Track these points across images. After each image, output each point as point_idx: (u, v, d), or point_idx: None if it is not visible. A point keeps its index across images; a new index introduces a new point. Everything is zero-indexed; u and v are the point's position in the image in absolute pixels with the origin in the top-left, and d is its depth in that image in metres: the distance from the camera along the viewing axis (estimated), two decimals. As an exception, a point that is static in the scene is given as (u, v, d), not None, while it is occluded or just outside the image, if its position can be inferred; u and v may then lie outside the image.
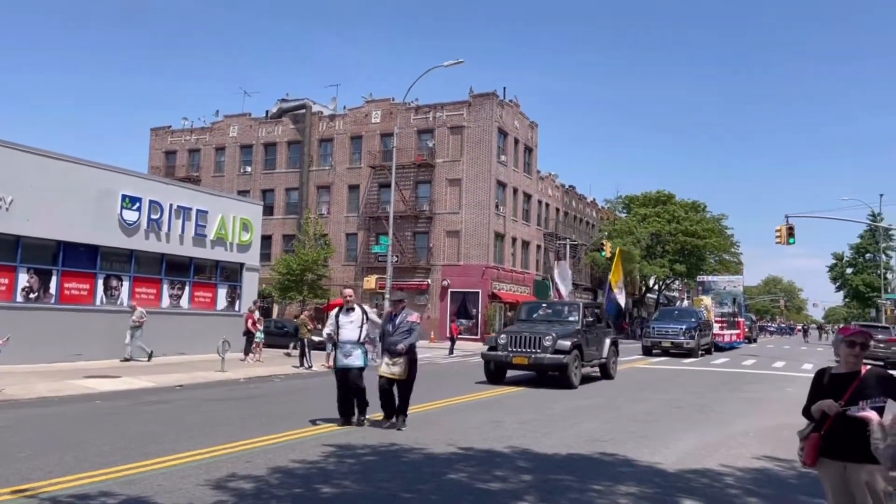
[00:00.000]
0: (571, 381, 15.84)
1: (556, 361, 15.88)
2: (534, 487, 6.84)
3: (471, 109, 43.96)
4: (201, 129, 53.94)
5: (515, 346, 16.43)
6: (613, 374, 18.88)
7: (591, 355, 17.54)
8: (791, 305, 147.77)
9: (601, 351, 18.36)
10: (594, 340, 17.96)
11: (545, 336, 16.13)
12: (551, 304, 20.75)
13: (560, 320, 17.78)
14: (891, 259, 70.01)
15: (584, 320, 17.63)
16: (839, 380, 4.38)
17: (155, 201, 22.16)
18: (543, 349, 15.98)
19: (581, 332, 17.09)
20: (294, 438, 9.11)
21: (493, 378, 16.87)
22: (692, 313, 34.97)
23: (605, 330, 19.26)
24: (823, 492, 4.49)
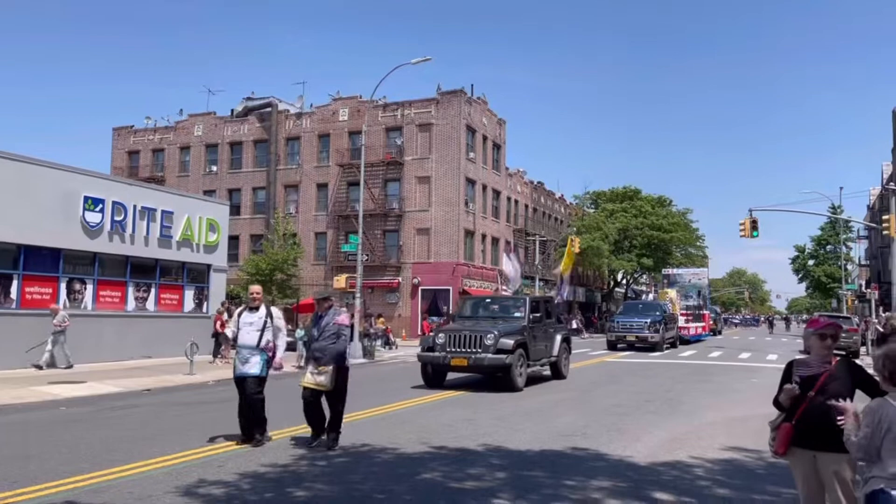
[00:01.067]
0: (515, 383, 14.51)
1: (497, 362, 14.47)
2: (508, 484, 6.86)
3: (439, 107, 43.94)
4: (165, 128, 53.09)
5: (454, 345, 14.90)
6: (565, 373, 17.66)
7: (539, 353, 16.26)
8: (755, 297, 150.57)
9: (551, 349, 17.11)
10: (543, 337, 16.67)
11: (486, 334, 14.66)
12: (496, 299, 19.21)
13: (505, 316, 16.38)
14: (851, 250, 71.79)
15: (530, 316, 16.19)
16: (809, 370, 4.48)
17: (119, 202, 21.74)
18: (484, 348, 14.55)
19: (527, 328, 15.75)
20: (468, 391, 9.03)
21: (431, 382, 15.35)
22: (657, 307, 34.68)
23: (555, 326, 18.03)
24: (791, 481, 4.57)
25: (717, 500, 6.42)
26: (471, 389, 15.03)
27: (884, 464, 3.34)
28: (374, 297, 41.63)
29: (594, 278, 67.57)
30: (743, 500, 6.41)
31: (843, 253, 66.98)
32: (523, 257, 53.62)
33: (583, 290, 64.62)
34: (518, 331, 15.38)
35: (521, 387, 14.68)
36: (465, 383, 16.13)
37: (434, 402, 13.21)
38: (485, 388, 15.21)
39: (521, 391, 14.56)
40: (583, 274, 64.60)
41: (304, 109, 49.74)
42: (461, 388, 15.33)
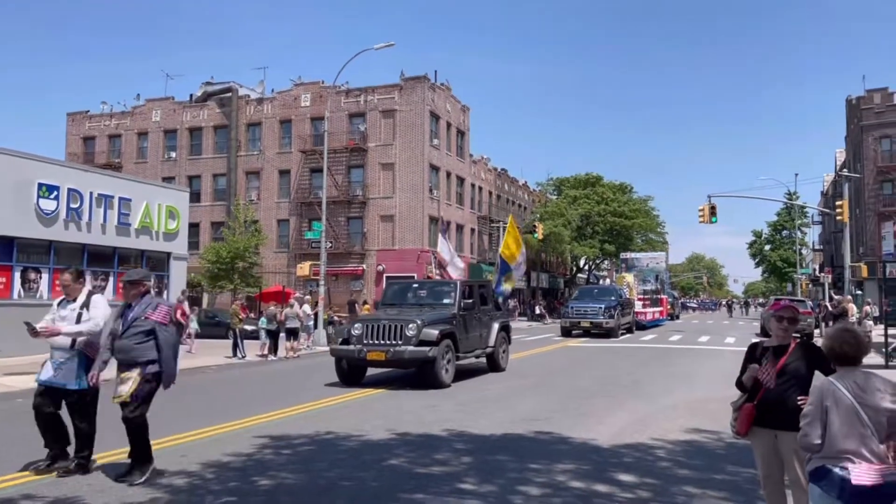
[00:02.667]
0: (439, 379, 12.96)
1: (419, 355, 12.86)
2: (473, 469, 6.91)
3: (402, 93, 43.68)
4: (122, 113, 51.82)
5: (371, 337, 13.26)
6: (504, 365, 16.21)
7: (471, 344, 14.84)
8: (713, 282, 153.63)
9: (487, 339, 15.65)
10: (476, 326, 15.17)
11: (408, 324, 13.06)
12: (424, 284, 17.14)
13: (433, 303, 14.87)
14: (805, 236, 73.65)
15: (461, 302, 14.66)
16: (771, 352, 4.60)
17: (74, 189, 21.20)
18: (405, 340, 12.94)
19: (457, 316, 14.24)
20: (227, 431, 8.93)
21: (347, 379, 13.64)
22: (612, 291, 33.94)
23: (492, 313, 16.34)
24: (750, 461, 4.69)
25: (678, 480, 6.56)
26: (393, 386, 13.42)
27: (828, 441, 3.44)
28: (338, 284, 41.39)
29: (557, 264, 68.17)
30: (704, 479, 6.55)
31: (798, 238, 68.74)
32: (487, 244, 53.78)
33: (546, 276, 65.16)
34: (446, 319, 13.87)
35: (447, 382, 13.15)
36: (389, 379, 14.47)
37: (337, 405, 11.05)
38: (409, 384, 13.48)
39: (447, 387, 13.02)
40: (546, 260, 65.12)
41: (265, 95, 49.00)
42: (383, 384, 13.62)
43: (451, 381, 13.38)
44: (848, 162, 56.76)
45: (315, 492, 6.12)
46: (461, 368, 14.82)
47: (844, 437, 3.38)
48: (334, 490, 6.17)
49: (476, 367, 16.10)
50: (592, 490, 6.19)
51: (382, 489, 6.20)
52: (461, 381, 14.01)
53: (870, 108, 50.84)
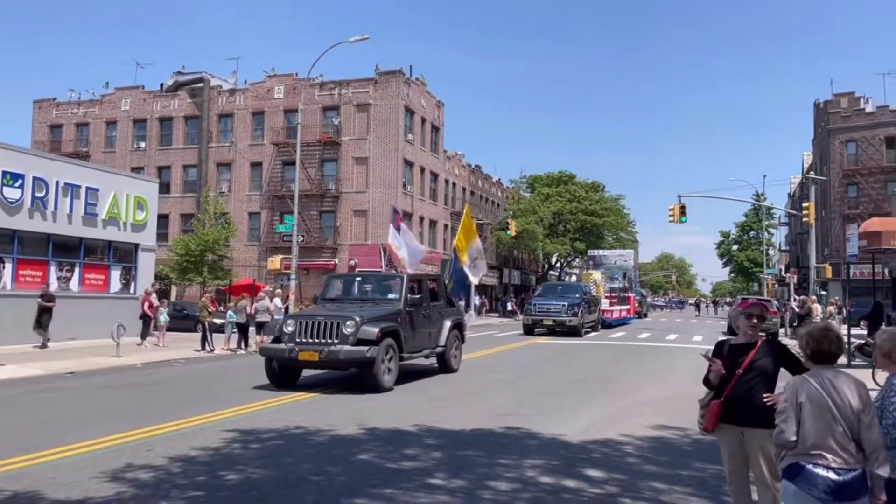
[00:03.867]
0: (379, 381, 11.83)
1: (356, 355, 11.71)
2: (443, 464, 6.92)
3: (377, 87, 43.48)
4: (90, 101, 50.83)
5: (305, 335, 12.09)
6: (456, 366, 15.11)
7: (419, 343, 13.67)
8: (682, 281, 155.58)
9: (438, 337, 14.50)
10: (425, 324, 13.98)
11: (345, 321, 11.90)
12: (368, 278, 15.93)
13: (377, 299, 13.81)
14: (772, 236, 74.93)
15: (407, 298, 13.43)
16: (738, 350, 4.67)
17: (39, 178, 20.77)
18: (342, 339, 11.80)
19: (402, 313, 13.08)
20: (196, 425, 8.82)
21: (279, 381, 12.40)
22: (577, 288, 32.83)
23: (444, 310, 15.18)
24: (716, 458, 4.76)
25: (645, 475, 6.63)
26: (331, 389, 12.28)
27: (801, 438, 3.51)
28: (309, 278, 41.09)
29: (529, 261, 68.50)
30: (671, 475, 6.63)
31: (765, 239, 69.86)
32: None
33: (518, 273, 65.47)
34: (388, 316, 12.71)
35: (388, 385, 12.01)
36: (330, 380, 13.30)
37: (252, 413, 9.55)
38: (349, 387, 12.39)
39: (389, 390, 11.91)
40: (518, 257, 65.40)
41: (238, 86, 48.41)
42: (321, 387, 12.52)
43: (392, 383, 12.21)
44: (815, 164, 57.83)
45: (283, 486, 6.07)
46: (408, 369, 14.06)
47: (818, 433, 3.46)
48: (303, 484, 6.13)
49: (425, 368, 15.14)
50: (561, 485, 6.23)
51: (351, 484, 6.17)
52: (406, 382, 13.02)
53: (837, 112, 51.82)
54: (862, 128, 50.75)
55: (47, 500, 5.62)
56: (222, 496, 5.79)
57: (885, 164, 49.79)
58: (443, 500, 5.73)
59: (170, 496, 5.76)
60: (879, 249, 23.13)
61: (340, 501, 5.67)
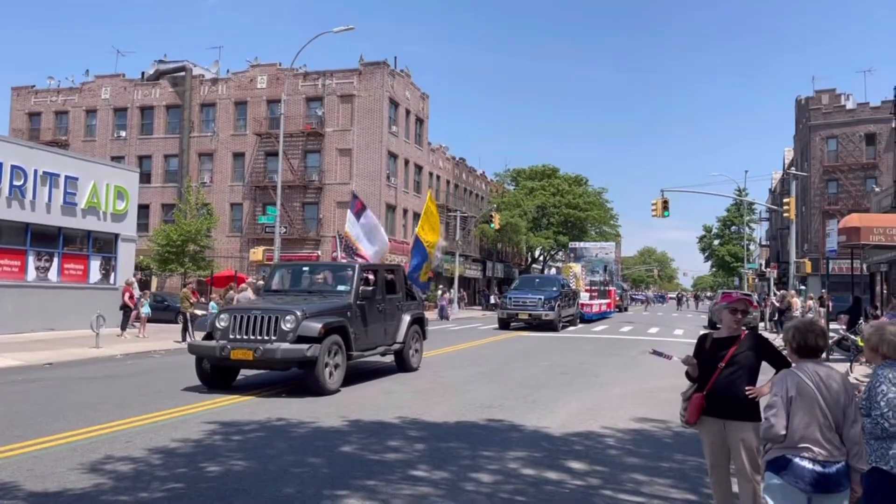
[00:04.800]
0: (322, 383, 10.52)
1: (294, 354, 10.37)
2: (427, 456, 6.91)
3: (361, 78, 43.26)
4: (69, 89, 50.11)
5: (239, 331, 10.74)
6: (415, 364, 13.92)
7: (372, 340, 12.49)
8: (664, 275, 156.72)
9: (395, 333, 13.33)
10: (380, 318, 12.77)
11: (285, 315, 10.59)
12: (318, 267, 14.58)
13: (325, 291, 12.61)
14: (753, 231, 75.60)
15: (359, 290, 12.14)
16: (720, 343, 4.71)
17: (18, 166, 20.45)
18: (280, 335, 10.49)
19: (353, 307, 11.82)
20: (176, 416, 8.75)
21: (211, 381, 11.12)
22: (554, 281, 31.74)
23: (402, 304, 13.89)
24: (696, 450, 4.80)
25: (627, 467, 6.66)
26: (269, 391, 10.92)
27: (789, 431, 3.54)
28: (291, 270, 40.89)
29: (513, 254, 68.66)
30: (651, 467, 6.67)
31: (746, 234, 70.42)
32: (444, 233, 53.75)
33: (501, 266, 65.60)
34: (336, 310, 11.50)
35: (332, 388, 10.75)
36: (272, 380, 11.93)
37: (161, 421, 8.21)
38: (290, 389, 11.01)
39: (333, 393, 10.66)
40: (502, 250, 65.51)
41: (220, 75, 47.97)
42: (260, 388, 11.22)
43: (338, 385, 10.95)
44: (796, 160, 58.36)
45: (265, 478, 6.04)
46: (362, 368, 13.40)
47: (806, 426, 3.51)
48: (285, 477, 6.10)
49: (382, 366, 14.14)
50: (543, 477, 6.25)
51: (333, 476, 6.15)
52: (356, 383, 11.85)
53: (818, 109, 52.33)
54: (842, 124, 51.31)
55: (24, 492, 5.55)
56: (203, 488, 5.74)
57: (865, 160, 50.39)
58: (426, 492, 5.73)
59: (150, 488, 5.71)
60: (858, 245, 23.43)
61: (322, 493, 5.65)
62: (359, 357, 12.10)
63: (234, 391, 10.88)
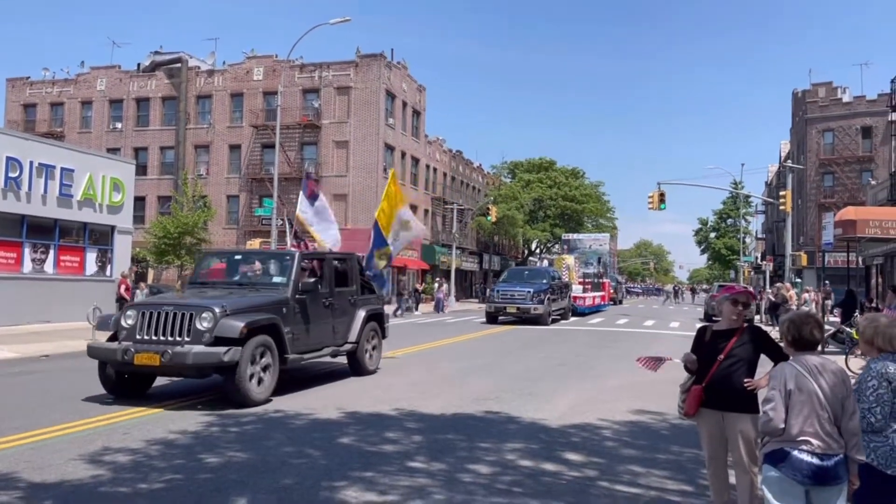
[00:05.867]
0: (245, 393, 8.86)
1: (208, 359, 8.69)
2: (424, 448, 6.93)
3: (358, 70, 43.13)
4: (65, 80, 49.88)
5: (148, 330, 9.04)
6: (372, 366, 12.32)
7: (317, 340, 10.87)
8: (659, 267, 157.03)
9: (347, 332, 11.72)
10: (326, 315, 11.13)
11: (201, 312, 8.96)
12: (250, 257, 12.43)
13: (260, 283, 10.83)
14: (749, 224, 75.76)
15: (299, 283, 10.50)
16: (720, 335, 4.72)
17: (13, 158, 20.38)
18: (195, 336, 8.85)
19: (289, 302, 10.20)
20: (174, 409, 8.76)
21: (117, 389, 9.39)
22: (544, 273, 30.49)
23: (357, 298, 12.21)
24: (693, 441, 4.82)
25: (624, 459, 6.69)
26: (187, 401, 9.22)
27: (788, 424, 3.55)
28: (288, 262, 40.88)
29: (509, 247, 68.69)
30: (648, 459, 6.70)
31: (742, 227, 70.60)
32: (441, 225, 53.73)
33: (498, 259, 65.64)
34: (267, 305, 9.84)
35: (259, 397, 9.09)
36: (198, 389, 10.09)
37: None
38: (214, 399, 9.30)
39: (263, 403, 9.08)
40: (499, 242, 65.53)
41: (216, 67, 47.77)
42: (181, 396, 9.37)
43: (268, 394, 9.33)
44: (792, 153, 58.42)
45: (264, 469, 6.05)
46: (312, 371, 12.11)
47: (805, 419, 3.52)
48: (283, 468, 6.11)
49: (333, 367, 12.69)
50: (541, 469, 6.27)
51: (331, 467, 6.17)
52: (296, 391, 10.20)
53: (814, 102, 52.33)
54: (839, 117, 51.32)
55: (24, 483, 5.55)
56: (202, 479, 5.75)
57: (861, 153, 50.44)
58: (423, 484, 5.75)
59: (148, 479, 5.72)
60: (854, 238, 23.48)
61: (321, 484, 5.67)
62: (297, 361, 10.32)
63: (145, 402, 9.11)
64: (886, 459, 3.60)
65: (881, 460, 3.60)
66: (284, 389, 10.10)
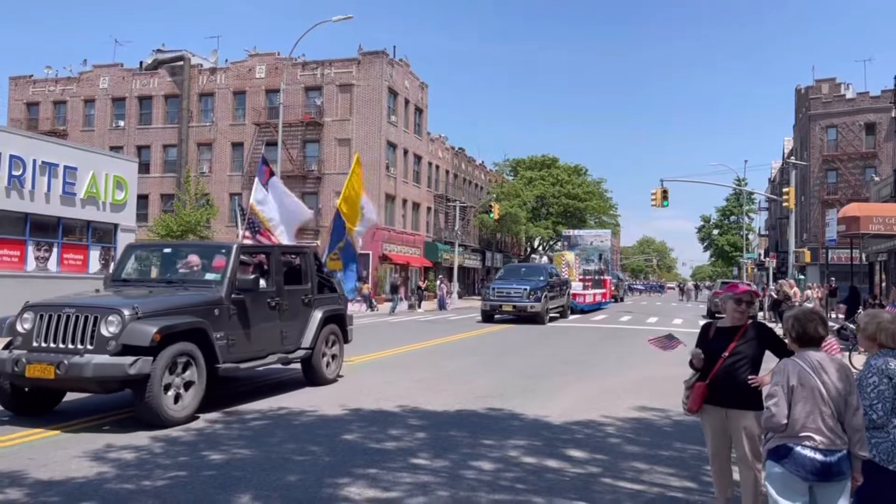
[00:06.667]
0: (159, 413, 7.50)
1: (111, 372, 7.33)
2: (427, 444, 6.94)
3: (360, 67, 43.11)
4: (67, 79, 49.91)
5: (45, 336, 7.67)
6: (329, 375, 10.82)
7: (257, 347, 9.29)
8: (662, 265, 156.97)
9: (299, 336, 10.22)
10: (272, 317, 9.59)
11: (107, 315, 7.57)
12: (180, 251, 10.31)
13: (191, 281, 9.15)
14: (752, 221, 75.64)
15: (235, 279, 8.93)
16: (724, 332, 4.73)
17: (16, 156, 20.41)
18: (99, 344, 7.48)
19: (223, 302, 8.67)
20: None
21: (15, 405, 8.05)
22: (542, 270, 29.65)
23: (313, 298, 10.65)
24: (696, 438, 4.82)
25: (627, 456, 6.70)
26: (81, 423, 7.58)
27: (791, 420, 3.54)
28: (291, 260, 40.92)
29: (512, 244, 68.69)
30: (651, 455, 6.71)
31: (746, 223, 70.45)
32: (443, 223, 53.72)
33: (500, 256, 65.63)
34: (192, 306, 8.29)
35: (177, 417, 7.68)
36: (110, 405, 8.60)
37: None
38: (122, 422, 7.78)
39: (183, 423, 7.67)
40: (501, 240, 65.53)
41: (219, 65, 47.79)
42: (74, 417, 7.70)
43: (190, 411, 7.87)
44: (795, 150, 58.29)
45: (267, 466, 6.07)
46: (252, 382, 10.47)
47: (807, 415, 3.51)
48: (287, 465, 6.13)
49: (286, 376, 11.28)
50: (544, 465, 6.28)
51: (335, 464, 6.18)
52: (231, 405, 8.71)
53: (817, 98, 52.21)
54: (842, 114, 51.20)
55: (30, 480, 5.57)
56: (206, 476, 5.77)
57: (864, 149, 50.33)
58: (427, 480, 5.76)
59: (153, 476, 5.74)
60: (857, 234, 23.41)
61: (324, 481, 5.68)
62: (233, 371, 8.78)
63: (45, 421, 7.70)
64: (888, 455, 3.60)
65: (883, 456, 3.61)
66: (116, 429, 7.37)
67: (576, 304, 32.72)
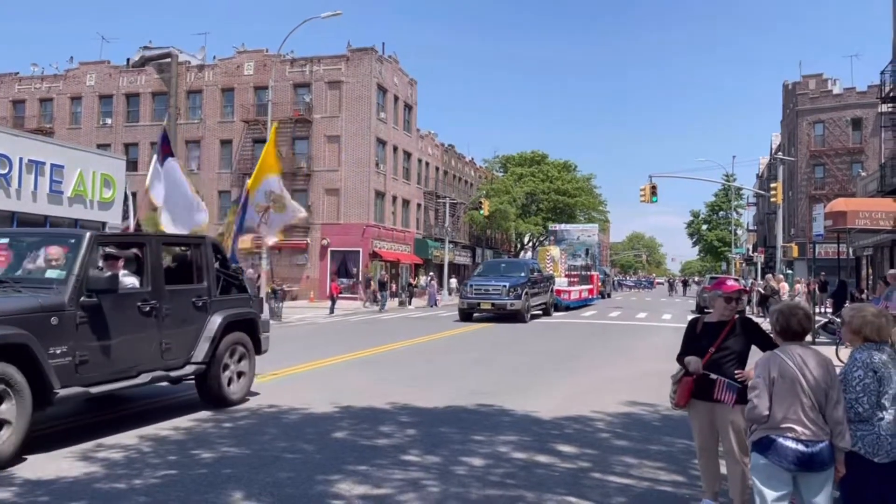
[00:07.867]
0: None
1: None
2: (418, 441, 6.96)
3: (349, 64, 43.00)
4: (54, 76, 49.51)
5: None
6: (236, 394, 8.75)
7: (121, 365, 7.18)
8: (652, 260, 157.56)
9: (188, 348, 8.09)
10: (146, 325, 7.53)
11: None
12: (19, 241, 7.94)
13: (28, 279, 7.02)
14: (741, 216, 76.07)
15: (85, 277, 6.83)
16: (711, 328, 4.77)
17: (2, 154, 20.25)
18: None
19: (63, 307, 6.58)
20: (165, 403, 8.75)
21: None
22: (523, 266, 28.50)
23: (211, 300, 8.51)
24: (684, 432, 4.87)
25: (616, 450, 6.74)
26: None
27: (773, 412, 3.61)
28: (281, 258, 40.86)
29: (502, 241, 68.77)
30: (641, 450, 6.75)
31: (734, 219, 70.85)
32: (433, 219, 53.70)
33: (490, 253, 65.68)
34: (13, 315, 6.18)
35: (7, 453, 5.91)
36: None
37: None
38: None
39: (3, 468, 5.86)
40: (491, 236, 65.58)
41: (207, 62, 47.53)
42: None
43: (11, 451, 5.95)
44: (783, 145, 58.61)
45: (258, 464, 6.07)
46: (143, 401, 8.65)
47: (789, 407, 3.59)
48: (278, 463, 6.13)
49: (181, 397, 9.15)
50: (534, 461, 6.31)
51: (326, 461, 6.19)
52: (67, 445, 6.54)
53: (805, 94, 52.51)
54: (829, 109, 51.53)
55: (19, 479, 5.56)
56: (196, 474, 5.76)
57: (851, 145, 50.67)
58: (417, 476, 5.78)
59: (143, 475, 5.72)
60: (844, 229, 23.60)
61: (315, 478, 5.69)
62: (81, 396, 6.80)
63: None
64: (873, 447, 3.65)
65: (868, 448, 3.65)
66: None
67: (560, 300, 31.46)
